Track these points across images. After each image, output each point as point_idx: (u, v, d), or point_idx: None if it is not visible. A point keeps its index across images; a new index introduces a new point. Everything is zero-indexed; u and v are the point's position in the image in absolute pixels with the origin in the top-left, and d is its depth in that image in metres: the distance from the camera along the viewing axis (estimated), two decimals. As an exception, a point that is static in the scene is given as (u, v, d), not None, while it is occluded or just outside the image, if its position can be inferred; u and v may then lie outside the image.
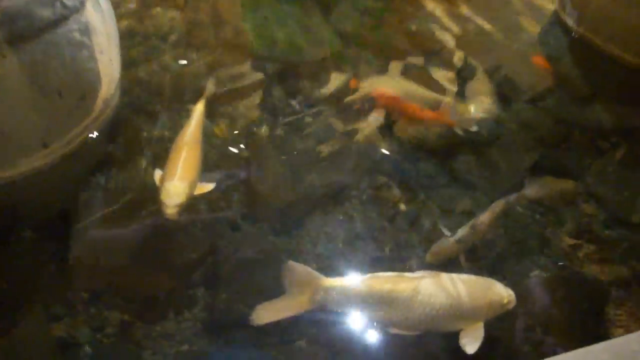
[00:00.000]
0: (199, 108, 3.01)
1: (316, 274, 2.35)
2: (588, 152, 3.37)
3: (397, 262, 2.78)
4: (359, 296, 2.25)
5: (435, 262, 2.71)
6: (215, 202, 2.94)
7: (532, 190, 3.02)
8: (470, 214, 2.93)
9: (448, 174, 3.20)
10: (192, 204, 2.74)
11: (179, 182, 2.59)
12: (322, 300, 2.29)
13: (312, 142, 3.25)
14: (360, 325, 2.33)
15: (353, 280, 2.32)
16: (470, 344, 2.14)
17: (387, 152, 3.25)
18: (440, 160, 3.26)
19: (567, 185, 3.18)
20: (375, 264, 2.72)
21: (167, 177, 2.63)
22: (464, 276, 2.34)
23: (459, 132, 3.34)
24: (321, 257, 2.77)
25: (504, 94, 3.60)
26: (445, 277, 2.29)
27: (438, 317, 2.19)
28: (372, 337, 2.33)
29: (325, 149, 3.17)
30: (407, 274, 2.34)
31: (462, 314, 2.20)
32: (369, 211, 2.99)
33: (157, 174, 2.74)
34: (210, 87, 3.21)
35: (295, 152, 3.18)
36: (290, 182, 3.02)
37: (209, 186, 2.72)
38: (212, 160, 3.11)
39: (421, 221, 2.95)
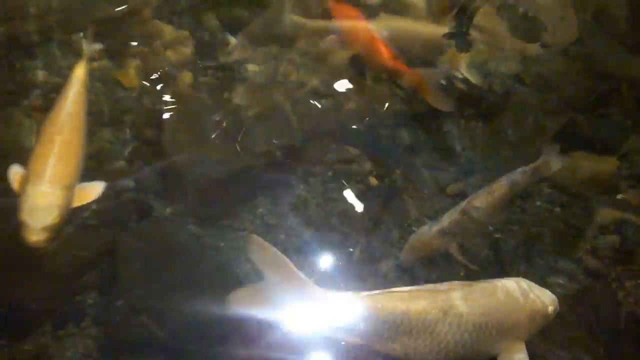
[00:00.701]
0: (78, 74, 2.71)
1: (305, 279, 2.22)
2: (636, 120, 3.32)
3: (368, 265, 2.78)
4: (364, 319, 2.14)
5: (412, 261, 2.66)
6: (119, 178, 2.89)
7: (548, 164, 2.86)
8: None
9: (436, 144, 3.18)
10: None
11: (49, 187, 2.31)
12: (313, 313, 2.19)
13: (254, 95, 3.15)
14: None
15: (356, 296, 2.19)
16: None
17: (356, 112, 3.21)
18: (428, 126, 3.21)
19: (604, 164, 3.12)
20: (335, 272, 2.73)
21: (31, 179, 2.32)
22: (493, 283, 2.29)
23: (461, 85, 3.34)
24: None
25: (523, 36, 3.52)
26: (477, 287, 2.25)
27: (472, 343, 2.16)
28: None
29: (268, 104, 3.13)
30: (428, 287, 2.29)
31: (500, 334, 2.18)
32: (331, 190, 2.95)
33: (15, 172, 2.44)
34: (89, 45, 2.94)
35: (230, 109, 3.11)
36: (221, 152, 2.96)
37: (96, 189, 2.50)
38: (115, 118, 3.03)
39: (396, 203, 2.94)
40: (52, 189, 2.35)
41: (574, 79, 3.45)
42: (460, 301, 2.18)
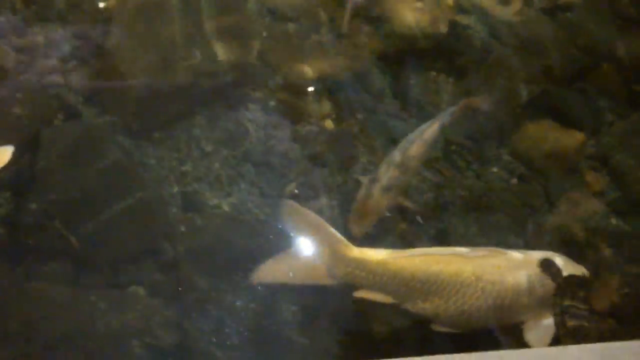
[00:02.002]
0: None
1: (334, 234, 2.30)
2: (615, 99, 3.21)
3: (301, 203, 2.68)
4: (398, 278, 2.22)
5: (364, 230, 2.57)
6: (48, 69, 2.81)
7: (476, 101, 2.96)
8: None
9: (402, 93, 3.09)
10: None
11: None
12: (346, 277, 2.27)
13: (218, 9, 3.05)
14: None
15: (392, 254, 2.28)
16: (539, 339, 2.24)
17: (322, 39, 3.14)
18: (397, 72, 3.12)
19: (571, 139, 3.03)
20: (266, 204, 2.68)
21: None
22: (529, 255, 2.36)
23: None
24: (186, 177, 2.72)
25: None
26: (513, 256, 2.33)
27: (501, 309, 2.23)
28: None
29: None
30: (462, 250, 2.34)
31: (531, 304, 2.27)
32: (276, 123, 2.89)
33: None
34: None
35: (182, 15, 3.00)
36: (166, 58, 2.87)
37: (3, 155, 2.34)
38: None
39: (345, 148, 2.90)
40: None
41: (557, 47, 3.33)
42: (493, 268, 2.26)
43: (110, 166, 2.64)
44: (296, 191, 2.75)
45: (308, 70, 3.05)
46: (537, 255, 2.36)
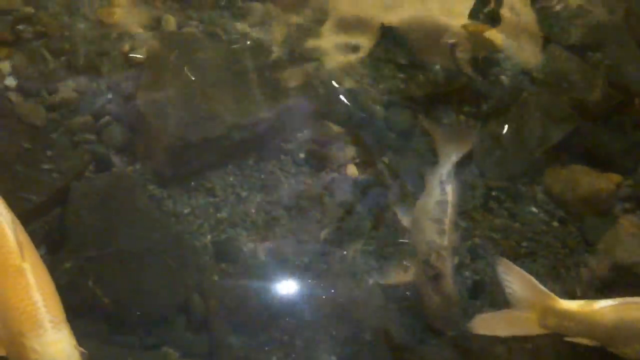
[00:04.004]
0: None
1: (543, 290, 2.41)
2: None
3: (335, 251, 2.71)
4: (602, 326, 2.32)
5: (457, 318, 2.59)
6: (78, 123, 2.82)
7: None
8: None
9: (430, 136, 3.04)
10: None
11: None
12: (557, 328, 2.40)
13: (240, 55, 3.05)
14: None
15: (596, 305, 2.36)
16: None
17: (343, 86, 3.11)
18: (424, 111, 3.10)
19: (605, 182, 2.98)
20: (302, 253, 2.68)
21: None
22: None
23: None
24: (222, 225, 2.71)
25: (548, 29, 3.37)
26: None
27: None
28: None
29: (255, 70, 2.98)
30: None
31: None
32: (304, 173, 2.89)
33: None
34: None
35: (211, 67, 2.97)
36: (195, 112, 2.84)
37: None
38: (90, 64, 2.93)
39: (376, 196, 2.88)
40: None
41: (587, 85, 3.25)
42: None
43: (142, 217, 2.63)
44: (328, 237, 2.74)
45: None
46: None
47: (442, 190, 2.74)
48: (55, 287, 2.11)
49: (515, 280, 2.45)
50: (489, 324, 2.50)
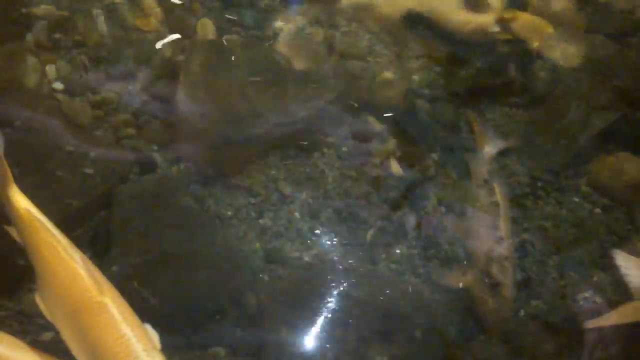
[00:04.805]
0: None
1: None
2: None
3: (380, 250, 2.69)
4: None
5: None
6: (121, 126, 2.81)
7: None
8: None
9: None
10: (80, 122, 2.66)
11: None
12: None
13: (277, 56, 3.05)
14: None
15: None
16: None
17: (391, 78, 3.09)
18: (470, 105, 3.07)
19: None
20: (347, 251, 2.66)
21: None
22: None
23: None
24: (266, 229, 2.68)
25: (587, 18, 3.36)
26: None
27: None
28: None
29: (297, 65, 2.99)
30: None
31: None
32: (347, 169, 2.86)
33: None
34: None
35: (250, 68, 2.97)
36: (236, 112, 2.86)
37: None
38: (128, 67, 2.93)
39: (422, 193, 2.85)
40: None
41: (629, 71, 3.23)
42: None
43: (187, 219, 2.62)
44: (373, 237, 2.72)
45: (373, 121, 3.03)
46: None
47: (488, 190, 2.71)
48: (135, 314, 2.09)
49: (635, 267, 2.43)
50: (612, 318, 2.46)
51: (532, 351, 2.55)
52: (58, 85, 2.85)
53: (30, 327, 2.42)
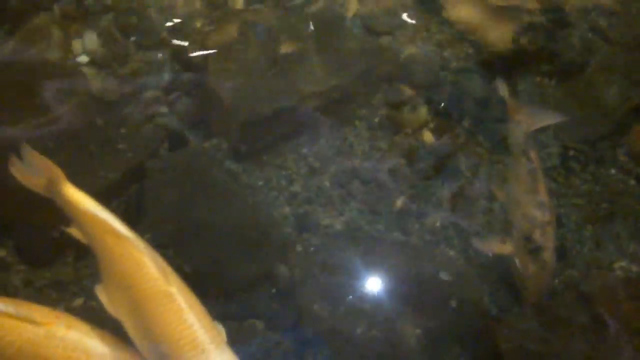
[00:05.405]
0: None
1: None
2: None
3: (413, 220, 2.67)
4: None
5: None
6: (151, 101, 2.82)
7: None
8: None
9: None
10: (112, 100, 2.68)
11: None
12: None
13: (308, 26, 3.02)
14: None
15: None
16: None
17: (420, 51, 3.05)
18: (502, 77, 2.97)
19: None
20: (379, 220, 2.65)
21: None
22: None
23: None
24: (298, 199, 2.69)
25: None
26: None
27: None
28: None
29: (326, 39, 2.94)
30: None
31: None
32: (379, 139, 2.85)
33: None
34: None
35: (281, 39, 2.95)
36: (267, 85, 2.83)
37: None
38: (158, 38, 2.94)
39: (455, 164, 2.81)
40: None
41: None
42: None
43: (220, 192, 2.62)
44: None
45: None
46: None
47: (527, 158, 2.64)
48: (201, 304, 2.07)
49: None
50: None
51: (567, 323, 2.47)
52: (83, 59, 2.88)
53: (64, 294, 2.48)
